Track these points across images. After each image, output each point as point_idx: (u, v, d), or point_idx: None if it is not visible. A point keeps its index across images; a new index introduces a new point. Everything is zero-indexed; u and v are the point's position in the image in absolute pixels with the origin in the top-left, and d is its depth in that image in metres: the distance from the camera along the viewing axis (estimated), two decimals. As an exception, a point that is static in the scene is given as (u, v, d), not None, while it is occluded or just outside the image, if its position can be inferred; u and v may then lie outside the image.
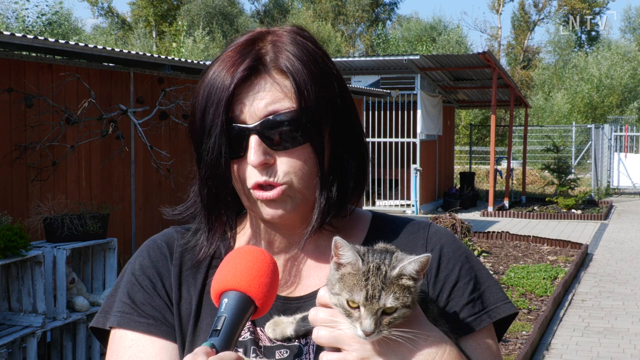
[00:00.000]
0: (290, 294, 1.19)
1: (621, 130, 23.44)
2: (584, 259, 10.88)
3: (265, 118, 1.09)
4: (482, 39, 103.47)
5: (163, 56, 8.55)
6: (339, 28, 47.67)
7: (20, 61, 5.91)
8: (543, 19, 51.17)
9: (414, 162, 15.81)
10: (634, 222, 15.63)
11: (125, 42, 40.95)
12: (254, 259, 1.02)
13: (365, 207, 12.78)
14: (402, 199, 16.49)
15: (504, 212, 16.54)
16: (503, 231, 12.54)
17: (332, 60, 1.18)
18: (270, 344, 1.13)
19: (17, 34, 5.47)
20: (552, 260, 10.49)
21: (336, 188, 1.16)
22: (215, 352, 0.93)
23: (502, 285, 8.61)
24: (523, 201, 18.92)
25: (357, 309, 1.00)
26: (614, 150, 22.48)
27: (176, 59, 7.78)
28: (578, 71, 35.35)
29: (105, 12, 47.27)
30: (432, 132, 16.79)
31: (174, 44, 26.07)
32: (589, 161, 23.87)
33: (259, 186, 1.12)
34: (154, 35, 42.90)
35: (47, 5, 35.35)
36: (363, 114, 15.36)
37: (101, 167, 6.85)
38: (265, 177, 1.11)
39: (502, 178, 19.37)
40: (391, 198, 16.62)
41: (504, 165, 21.09)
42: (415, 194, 15.60)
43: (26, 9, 30.30)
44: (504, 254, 10.91)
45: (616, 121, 28.98)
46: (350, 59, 16.96)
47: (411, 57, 14.96)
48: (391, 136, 16.11)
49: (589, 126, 23.71)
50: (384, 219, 1.29)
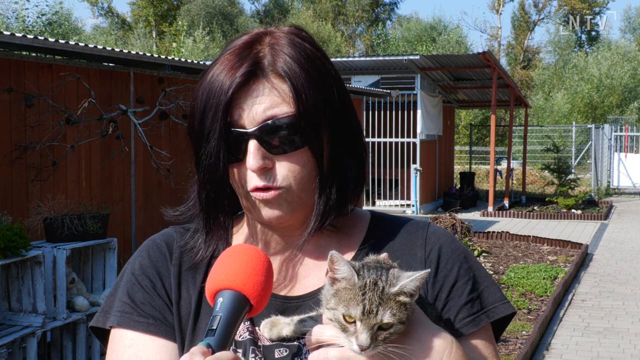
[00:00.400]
0: (289, 293, 1.19)
1: (621, 130, 23.44)
2: (584, 259, 10.87)
3: (263, 123, 1.10)
4: (482, 39, 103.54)
5: (163, 56, 8.55)
6: (339, 28, 47.66)
7: (20, 61, 5.91)
8: (543, 19, 51.20)
9: (414, 162, 15.81)
10: (634, 222, 15.63)
11: (125, 42, 40.95)
12: (248, 257, 1.02)
13: (365, 207, 12.76)
14: (402, 199, 16.48)
15: (504, 212, 16.54)
16: (503, 231, 12.54)
17: (330, 60, 1.18)
18: (269, 343, 1.13)
19: (17, 34, 5.47)
20: (552, 260, 10.49)
21: (335, 190, 1.17)
22: (212, 351, 0.93)
23: (502, 286, 8.61)
24: (523, 201, 18.91)
25: (353, 323, 1.00)
26: (614, 150, 22.47)
27: (176, 59, 7.78)
28: (578, 71, 35.35)
29: (105, 12, 47.29)
30: (432, 132, 16.78)
31: (174, 44, 26.07)
32: (589, 161, 23.86)
33: (258, 189, 1.12)
34: (154, 35, 42.90)
35: (47, 5, 35.35)
36: (363, 114, 15.36)
37: (101, 167, 6.85)
38: (265, 182, 1.11)
39: (502, 178, 19.36)
40: (391, 198, 16.62)
41: (504, 165, 21.07)
42: (415, 194, 15.59)
43: (26, 9, 30.31)
44: (504, 254, 10.91)
45: (616, 121, 28.97)
46: (350, 59, 16.95)
47: (411, 57, 14.96)
48: (391, 136, 16.11)
49: (589, 126, 23.71)
50: (383, 218, 1.29)
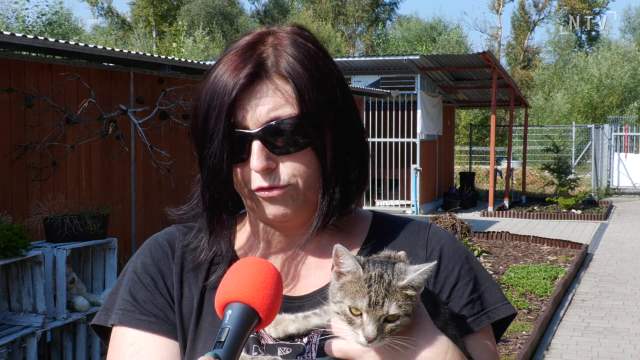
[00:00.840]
0: (291, 293, 1.19)
1: (621, 130, 23.44)
2: (584, 259, 10.87)
3: (267, 124, 1.10)
4: (482, 39, 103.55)
5: (163, 56, 8.55)
6: (339, 28, 47.67)
7: (20, 61, 5.91)
8: (543, 19, 51.20)
9: (414, 162, 15.81)
10: (634, 222, 15.63)
11: (125, 42, 40.95)
12: (258, 270, 1.01)
13: (365, 207, 12.76)
14: (402, 199, 16.48)
15: (504, 212, 16.54)
16: (503, 231, 12.54)
17: (332, 60, 1.18)
18: (272, 341, 1.13)
19: (17, 34, 5.47)
20: (552, 260, 10.48)
21: (339, 190, 1.17)
22: None
23: (502, 286, 8.61)
24: (523, 201, 18.91)
25: (359, 316, 1.00)
26: (614, 150, 22.48)
27: (176, 59, 7.78)
28: (578, 71, 35.35)
29: (105, 12, 47.29)
30: (432, 132, 16.78)
31: (174, 44, 26.08)
32: (589, 161, 23.86)
33: (262, 188, 1.12)
34: (154, 35, 42.90)
35: (47, 5, 35.37)
36: (363, 114, 15.35)
37: (101, 167, 6.85)
38: (269, 182, 1.11)
39: (502, 178, 19.36)
40: (391, 198, 16.62)
41: (504, 165, 21.07)
42: (415, 194, 15.59)
43: (26, 9, 30.32)
44: (504, 254, 10.91)
45: (616, 121, 28.97)
46: (350, 59, 16.95)
47: (411, 57, 14.96)
48: (391, 136, 16.11)
49: (589, 126, 23.71)
50: (385, 218, 1.29)
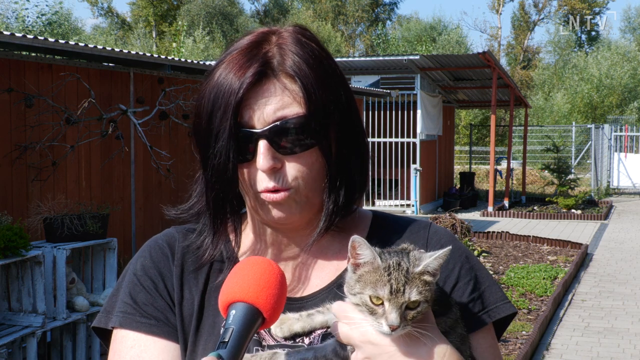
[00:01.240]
0: (292, 294, 1.19)
1: (621, 130, 23.44)
2: (584, 259, 10.87)
3: (273, 123, 1.09)
4: (482, 39, 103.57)
5: (163, 56, 8.55)
6: (339, 28, 47.66)
7: (20, 61, 5.91)
8: (543, 19, 51.20)
9: (414, 162, 15.81)
10: (634, 222, 15.62)
11: (125, 42, 40.95)
12: (262, 270, 1.00)
13: (365, 207, 12.74)
14: (402, 199, 16.48)
15: (504, 212, 16.53)
16: (503, 231, 12.54)
17: (334, 60, 1.17)
18: (273, 342, 1.13)
19: (17, 34, 5.46)
20: (552, 260, 10.48)
21: (344, 190, 1.16)
22: None
23: (502, 285, 8.61)
24: (523, 201, 18.91)
25: (381, 305, 1.00)
26: (614, 150, 22.48)
27: (176, 59, 7.78)
28: (578, 71, 35.35)
29: (105, 12, 47.28)
30: (432, 132, 16.78)
31: (174, 44, 26.08)
32: (589, 161, 23.86)
33: (267, 190, 1.11)
34: (154, 35, 42.89)
35: (47, 5, 35.35)
36: (363, 114, 15.34)
37: (101, 167, 6.84)
38: (274, 183, 1.10)
39: (502, 178, 19.36)
40: (391, 198, 16.61)
41: (504, 165, 21.07)
42: (415, 194, 15.59)
43: (26, 9, 30.31)
44: (504, 254, 10.91)
45: (616, 121, 28.97)
46: (350, 59, 16.95)
47: (411, 57, 14.96)
48: (391, 136, 16.10)
49: (589, 126, 23.71)
50: (385, 218, 1.29)
